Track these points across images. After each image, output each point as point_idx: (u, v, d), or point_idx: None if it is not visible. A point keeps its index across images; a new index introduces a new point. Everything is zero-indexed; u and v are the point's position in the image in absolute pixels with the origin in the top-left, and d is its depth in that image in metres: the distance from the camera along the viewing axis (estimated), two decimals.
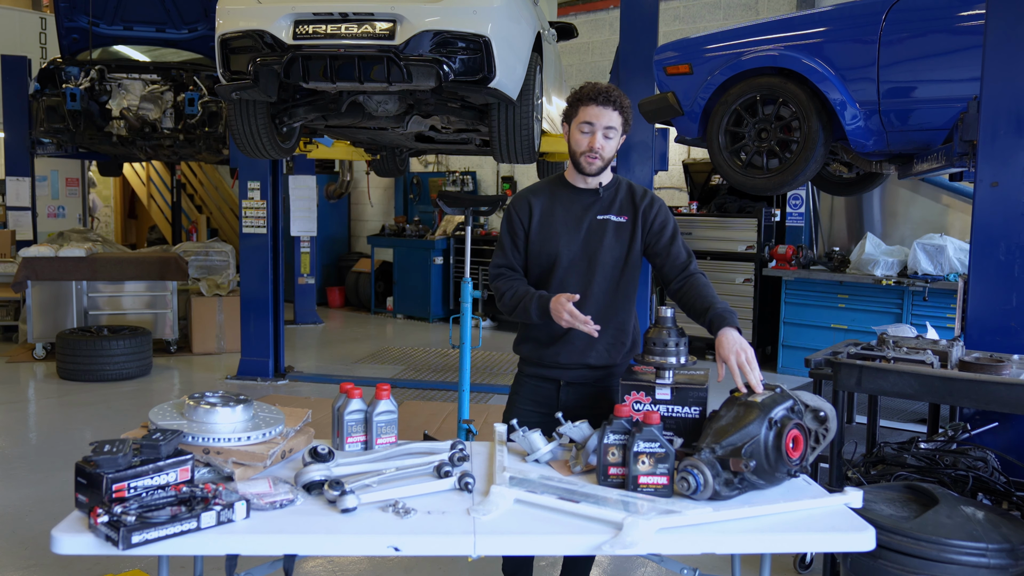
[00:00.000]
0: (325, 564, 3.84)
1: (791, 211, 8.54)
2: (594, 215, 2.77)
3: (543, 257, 2.79)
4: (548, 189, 2.85)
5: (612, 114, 2.66)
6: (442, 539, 1.96)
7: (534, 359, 2.84)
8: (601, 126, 2.66)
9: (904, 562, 2.48)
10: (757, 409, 2.20)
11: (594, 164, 2.71)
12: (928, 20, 4.11)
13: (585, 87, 2.70)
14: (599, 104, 2.65)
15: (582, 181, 2.79)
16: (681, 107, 4.79)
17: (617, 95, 2.67)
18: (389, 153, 7.89)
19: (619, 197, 2.80)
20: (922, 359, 3.04)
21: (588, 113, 2.66)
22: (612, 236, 2.76)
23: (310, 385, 7.55)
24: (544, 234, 2.78)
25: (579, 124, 2.69)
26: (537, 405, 2.84)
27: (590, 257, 2.76)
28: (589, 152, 2.69)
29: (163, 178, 14.70)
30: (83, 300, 8.37)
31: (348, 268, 12.83)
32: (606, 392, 2.82)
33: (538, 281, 2.81)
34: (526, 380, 2.88)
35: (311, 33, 4.45)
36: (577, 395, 2.81)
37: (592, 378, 2.82)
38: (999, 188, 3.20)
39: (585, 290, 2.74)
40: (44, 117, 8.08)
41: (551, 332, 2.76)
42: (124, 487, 1.90)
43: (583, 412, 2.62)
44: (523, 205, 2.83)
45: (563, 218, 2.78)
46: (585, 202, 2.79)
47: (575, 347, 2.76)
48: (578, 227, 2.77)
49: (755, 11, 9.56)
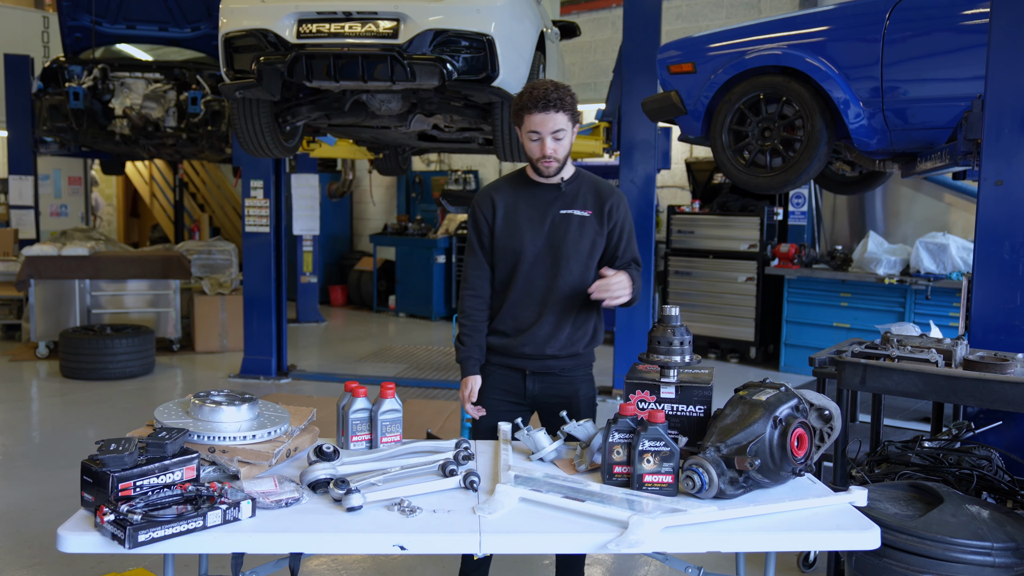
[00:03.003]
0: (329, 563, 3.84)
1: (793, 210, 8.53)
2: (557, 210, 2.82)
3: (508, 253, 2.84)
4: (511, 185, 2.89)
5: (557, 116, 2.68)
6: (448, 538, 1.96)
7: (500, 349, 2.90)
8: (548, 132, 2.69)
9: (909, 561, 2.47)
10: (762, 408, 2.20)
11: (551, 167, 2.76)
12: (932, 19, 4.10)
13: (525, 94, 2.70)
14: (541, 110, 2.66)
15: (540, 176, 2.83)
16: (684, 106, 4.78)
17: (558, 95, 2.67)
18: (392, 152, 7.90)
19: (582, 191, 2.85)
20: (926, 358, 3.04)
21: (533, 122, 2.68)
22: (576, 230, 2.81)
23: (313, 384, 7.55)
24: (509, 230, 2.83)
25: (527, 133, 2.72)
26: (506, 394, 2.91)
27: (555, 252, 2.81)
28: (543, 158, 2.73)
29: (166, 177, 14.70)
30: (86, 299, 8.38)
31: (350, 267, 12.84)
32: (571, 381, 2.91)
33: (505, 276, 2.87)
34: (493, 369, 2.94)
35: (315, 32, 4.45)
36: (543, 384, 2.90)
37: (556, 368, 2.89)
38: (1003, 187, 3.19)
39: (550, 283, 2.81)
40: (47, 116, 8.09)
41: (517, 325, 2.85)
42: (130, 486, 1.90)
43: (550, 400, 2.85)
44: (487, 202, 2.87)
45: (527, 213, 2.83)
46: (548, 197, 2.84)
47: (538, 339, 2.83)
48: (542, 222, 2.82)
49: (757, 10, 9.55)
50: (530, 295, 2.83)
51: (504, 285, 2.87)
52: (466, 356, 2.88)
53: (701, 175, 9.26)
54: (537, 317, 2.83)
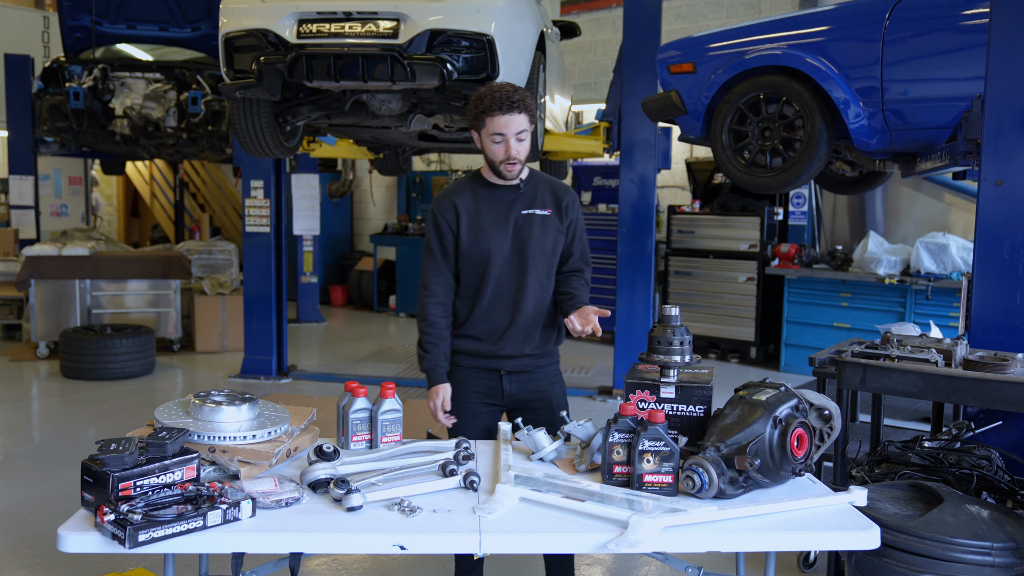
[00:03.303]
0: (329, 563, 3.84)
1: (794, 210, 8.53)
2: (519, 210, 2.85)
3: (475, 257, 2.84)
4: (469, 188, 2.90)
5: (519, 117, 2.71)
6: (448, 537, 1.96)
7: (474, 353, 2.91)
8: (512, 133, 2.71)
9: (909, 561, 2.47)
10: (762, 408, 2.20)
11: (515, 169, 2.78)
12: (932, 18, 4.10)
13: (486, 96, 2.71)
14: (505, 112, 2.68)
15: (501, 178, 2.85)
16: (684, 106, 4.79)
17: (519, 97, 2.71)
18: (392, 152, 7.89)
19: (540, 191, 2.89)
20: (926, 358, 3.04)
21: (496, 124, 2.70)
22: (539, 229, 2.85)
23: (313, 384, 7.55)
24: (474, 234, 2.83)
25: (490, 135, 2.73)
26: (483, 396, 2.93)
27: (521, 252, 2.84)
28: (507, 160, 2.75)
29: (166, 177, 14.70)
30: (86, 299, 8.38)
31: (351, 267, 12.84)
32: (545, 377, 2.96)
33: (474, 281, 2.87)
34: (468, 373, 2.94)
35: (315, 32, 4.46)
36: (519, 383, 2.93)
37: (532, 366, 2.93)
38: (1003, 187, 3.19)
39: (520, 283, 2.84)
40: (47, 116, 8.10)
41: (491, 328, 2.87)
42: (130, 486, 1.90)
43: (528, 397, 2.92)
44: (447, 207, 2.86)
45: (490, 216, 2.84)
46: (508, 198, 2.86)
47: (515, 339, 2.87)
48: (506, 223, 2.84)
49: (757, 10, 9.55)
50: (501, 298, 2.85)
51: (474, 290, 2.87)
52: (434, 365, 2.88)
53: (701, 175, 9.26)
54: (510, 319, 2.85)
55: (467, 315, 2.88)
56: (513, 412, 2.95)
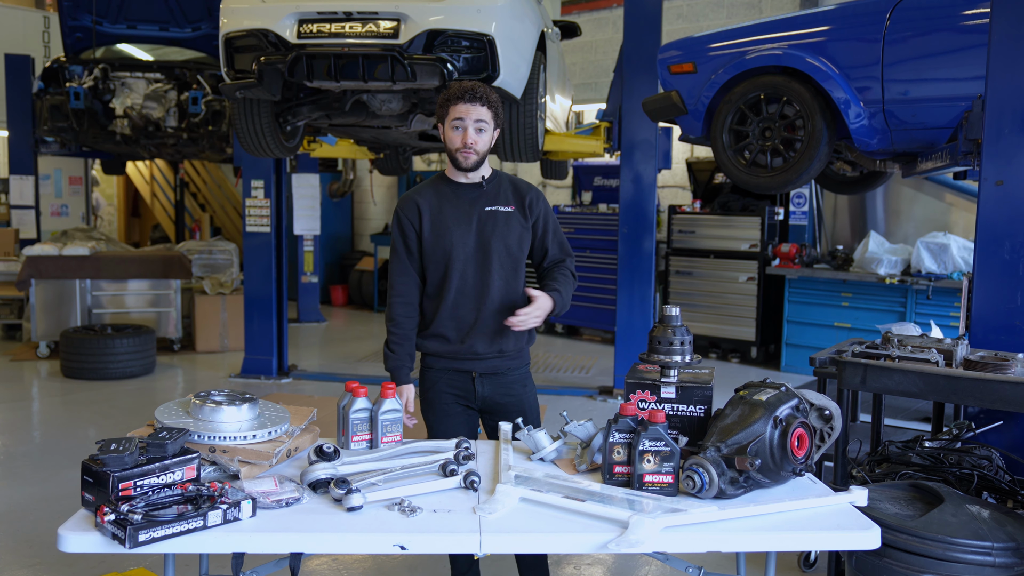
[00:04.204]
0: (330, 563, 3.84)
1: (794, 209, 8.53)
2: (482, 207, 2.87)
3: (438, 254, 2.86)
4: (432, 188, 2.92)
5: (480, 109, 2.76)
6: (448, 537, 1.96)
7: (445, 354, 2.91)
8: (471, 120, 2.76)
9: (909, 561, 2.47)
10: (762, 408, 2.20)
11: (470, 158, 2.80)
12: (932, 19, 4.10)
13: (453, 87, 2.79)
14: (466, 101, 2.75)
15: (464, 176, 2.88)
16: (685, 106, 4.79)
17: (484, 91, 2.77)
18: (392, 152, 7.89)
19: (503, 188, 2.91)
20: (927, 358, 3.04)
21: (457, 110, 2.76)
22: (503, 225, 2.87)
23: (313, 383, 7.55)
24: (437, 232, 2.86)
25: (451, 122, 2.78)
26: (457, 397, 2.93)
27: (485, 248, 2.85)
28: (464, 148, 2.78)
29: (166, 177, 14.70)
30: (87, 299, 8.39)
31: (351, 266, 12.84)
32: (518, 379, 2.96)
33: (438, 279, 2.88)
34: (441, 374, 2.94)
35: (315, 32, 4.46)
36: (492, 385, 2.92)
37: (503, 367, 2.93)
38: (1004, 187, 3.19)
39: (485, 279, 2.85)
40: (48, 116, 8.09)
41: (458, 326, 2.87)
42: (130, 486, 1.90)
43: (501, 400, 2.90)
44: (411, 207, 2.89)
45: (453, 214, 2.86)
46: (471, 196, 2.88)
47: (483, 336, 2.86)
48: (469, 221, 2.85)
49: (758, 10, 9.54)
50: (465, 294, 2.86)
51: (438, 288, 2.88)
52: (399, 365, 2.90)
53: (702, 175, 9.26)
54: (476, 316, 2.86)
55: (434, 313, 2.89)
56: (485, 415, 2.96)
